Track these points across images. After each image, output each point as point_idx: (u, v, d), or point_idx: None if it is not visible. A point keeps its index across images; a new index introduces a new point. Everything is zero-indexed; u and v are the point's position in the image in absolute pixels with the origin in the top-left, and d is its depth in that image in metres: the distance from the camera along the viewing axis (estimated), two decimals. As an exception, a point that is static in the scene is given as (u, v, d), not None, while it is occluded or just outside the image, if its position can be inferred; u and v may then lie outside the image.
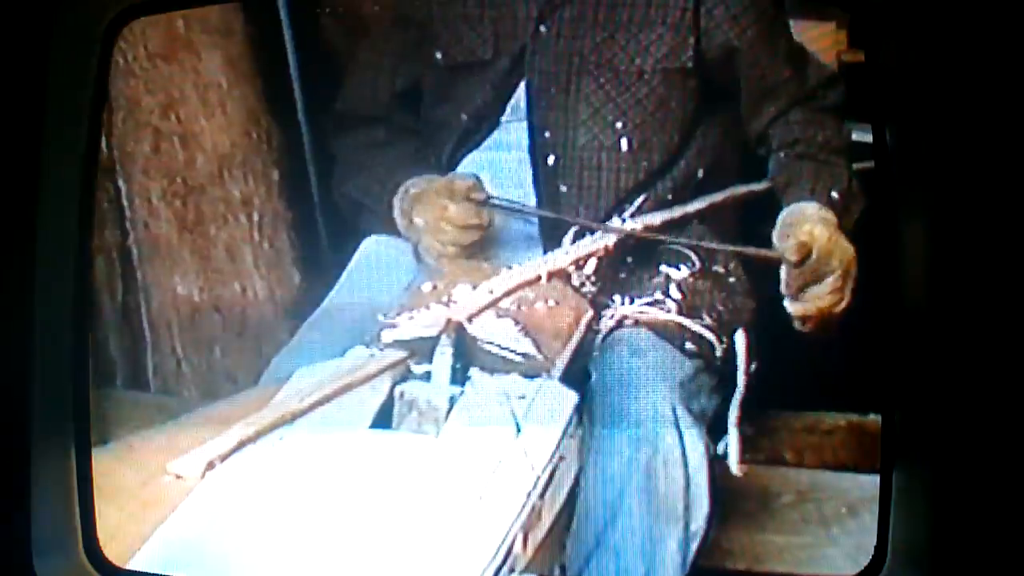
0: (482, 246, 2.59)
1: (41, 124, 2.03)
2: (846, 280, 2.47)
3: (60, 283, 2.09)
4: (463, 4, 2.63)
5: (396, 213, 2.62)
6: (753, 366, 2.46)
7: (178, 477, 2.15)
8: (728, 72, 2.61)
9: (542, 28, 2.58)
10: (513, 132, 2.63)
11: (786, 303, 2.50)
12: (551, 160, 2.60)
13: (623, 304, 2.50)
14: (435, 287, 2.50)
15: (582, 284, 2.52)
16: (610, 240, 2.55)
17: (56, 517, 2.08)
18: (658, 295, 2.52)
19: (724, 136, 2.66)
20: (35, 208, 2.03)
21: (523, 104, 2.61)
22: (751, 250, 2.56)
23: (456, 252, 2.58)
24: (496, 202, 2.56)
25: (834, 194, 2.55)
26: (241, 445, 2.20)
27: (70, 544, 2.08)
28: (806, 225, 2.49)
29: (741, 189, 2.65)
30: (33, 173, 2.03)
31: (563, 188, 2.60)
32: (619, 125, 2.57)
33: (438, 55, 2.67)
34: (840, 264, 2.46)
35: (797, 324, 2.50)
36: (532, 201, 2.61)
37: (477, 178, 2.57)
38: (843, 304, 2.48)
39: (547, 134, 2.60)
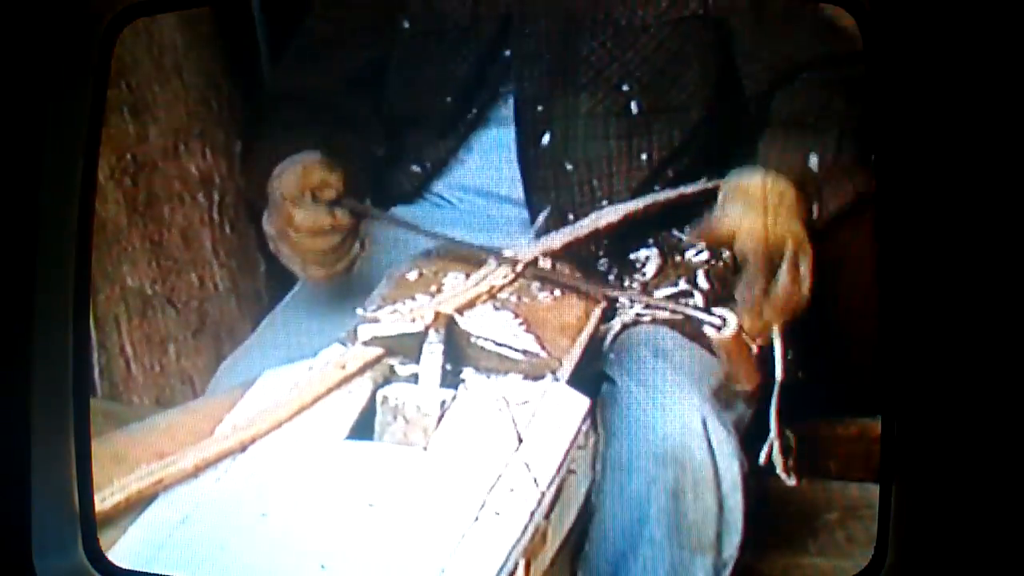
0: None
1: (41, 124, 2.09)
2: (793, 269, 2.26)
3: (60, 282, 2.15)
4: None
5: None
6: (790, 355, 2.34)
7: (125, 498, 2.11)
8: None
9: None
10: (510, 105, 2.55)
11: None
12: (547, 138, 2.50)
13: (641, 294, 2.43)
14: (422, 274, 2.43)
15: (592, 267, 2.46)
16: (614, 216, 2.47)
17: (56, 517, 2.12)
18: (683, 284, 2.44)
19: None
20: (35, 208, 2.10)
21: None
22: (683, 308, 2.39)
23: (319, 263, 2.43)
24: (349, 203, 2.41)
25: (812, 161, 2.34)
26: (197, 470, 2.15)
27: (70, 544, 2.12)
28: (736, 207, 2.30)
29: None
30: (33, 173, 2.09)
31: (568, 166, 2.51)
32: (625, 88, 2.48)
33: (406, 24, 2.56)
34: (766, 248, 2.26)
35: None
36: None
37: (332, 172, 2.41)
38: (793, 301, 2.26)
39: (540, 107, 2.51)
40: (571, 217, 2.47)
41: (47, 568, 2.10)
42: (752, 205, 2.28)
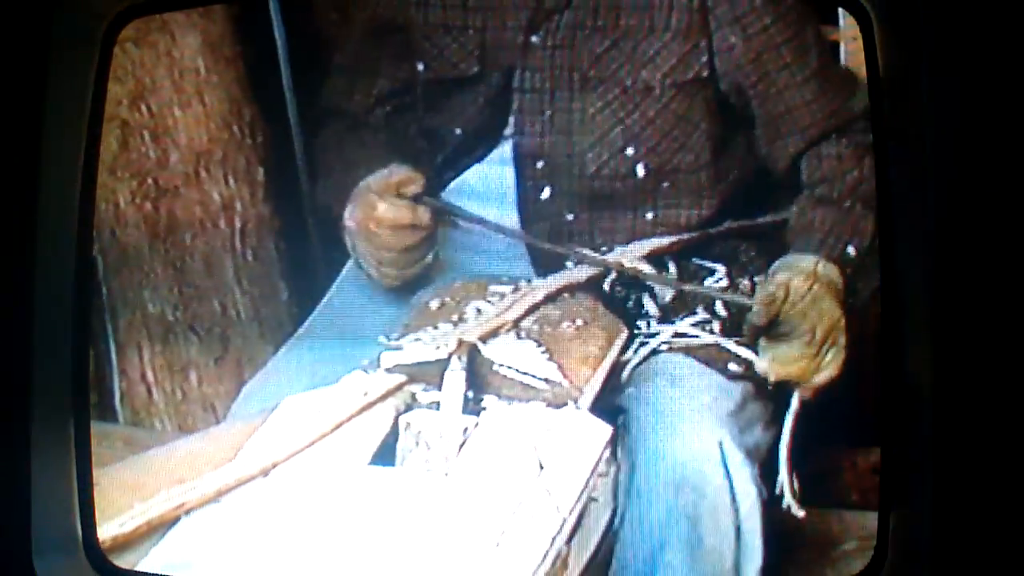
0: (442, 265, 2.56)
1: (41, 124, 2.16)
2: (822, 349, 2.38)
3: (60, 283, 2.21)
4: (444, 10, 2.58)
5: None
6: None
7: (147, 522, 2.17)
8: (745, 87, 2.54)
9: (534, 39, 2.53)
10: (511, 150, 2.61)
11: (754, 359, 2.42)
12: (547, 192, 2.56)
13: (662, 323, 2.49)
14: (443, 304, 2.50)
15: (613, 298, 2.52)
16: (639, 252, 2.55)
17: (56, 517, 2.19)
18: (702, 313, 2.50)
19: (752, 151, 2.60)
20: (35, 208, 2.16)
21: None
22: (721, 294, 2.50)
23: (394, 263, 2.55)
24: (430, 201, 2.53)
25: (850, 250, 2.44)
26: (219, 495, 2.21)
27: (70, 544, 2.19)
28: (783, 274, 2.40)
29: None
30: (33, 174, 2.16)
31: (569, 216, 2.57)
32: (630, 151, 2.53)
33: (420, 67, 2.63)
34: (814, 328, 2.37)
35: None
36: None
37: (416, 171, 2.54)
38: (821, 376, 2.39)
39: (540, 164, 2.56)
40: (568, 264, 2.55)
41: (47, 568, 2.17)
42: (805, 283, 2.38)
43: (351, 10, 2.76)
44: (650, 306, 2.54)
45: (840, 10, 2.73)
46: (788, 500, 2.37)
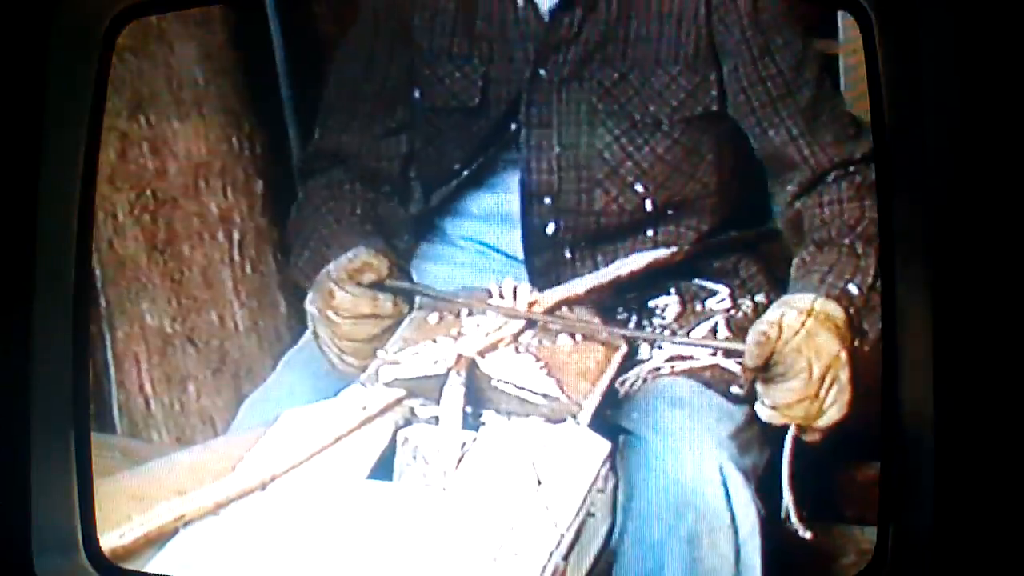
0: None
1: (40, 125, 2.17)
2: (822, 387, 2.30)
3: (59, 284, 2.22)
4: (450, 37, 2.56)
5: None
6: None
7: (145, 535, 2.17)
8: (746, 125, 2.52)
9: (541, 72, 2.51)
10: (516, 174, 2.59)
11: (756, 405, 2.35)
12: (551, 228, 2.55)
13: (663, 340, 2.49)
14: (442, 318, 2.50)
15: (612, 314, 2.53)
16: (637, 264, 2.56)
17: (56, 517, 2.20)
18: (703, 333, 2.51)
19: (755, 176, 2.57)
20: (35, 209, 2.17)
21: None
22: (715, 343, 2.46)
23: (356, 353, 2.49)
24: (394, 285, 2.48)
25: (852, 288, 2.35)
26: (218, 507, 2.21)
27: (70, 544, 2.20)
28: (776, 311, 2.32)
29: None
30: (33, 174, 2.17)
31: (567, 255, 2.56)
32: (639, 188, 2.52)
33: (416, 94, 2.61)
34: (810, 364, 2.28)
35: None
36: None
37: (379, 255, 2.50)
38: (827, 417, 2.31)
39: (547, 200, 2.54)
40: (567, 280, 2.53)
41: (47, 568, 2.18)
42: (799, 318, 2.30)
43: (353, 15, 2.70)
44: (649, 323, 2.56)
45: (839, 25, 2.76)
46: (795, 523, 2.36)
